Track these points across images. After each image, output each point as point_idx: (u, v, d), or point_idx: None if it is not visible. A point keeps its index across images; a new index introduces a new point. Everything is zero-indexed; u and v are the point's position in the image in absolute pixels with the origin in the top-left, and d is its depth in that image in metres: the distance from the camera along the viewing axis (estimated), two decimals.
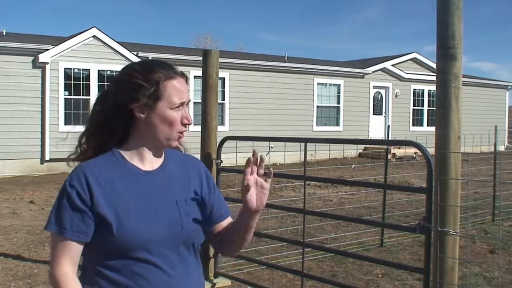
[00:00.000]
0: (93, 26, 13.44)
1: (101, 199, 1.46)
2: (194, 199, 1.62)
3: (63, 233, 1.45)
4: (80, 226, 1.45)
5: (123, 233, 1.44)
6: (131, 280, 1.46)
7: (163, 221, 1.51)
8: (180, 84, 1.55)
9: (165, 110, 1.52)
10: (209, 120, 4.58)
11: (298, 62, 17.76)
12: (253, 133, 14.74)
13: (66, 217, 1.46)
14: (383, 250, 5.80)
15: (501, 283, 4.72)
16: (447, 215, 2.79)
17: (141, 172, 1.55)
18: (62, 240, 1.46)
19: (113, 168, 1.53)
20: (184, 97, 1.54)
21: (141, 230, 1.46)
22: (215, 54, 4.62)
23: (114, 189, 1.49)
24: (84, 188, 1.47)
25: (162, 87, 1.51)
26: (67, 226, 1.45)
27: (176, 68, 1.60)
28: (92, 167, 1.52)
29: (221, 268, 4.78)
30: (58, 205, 1.48)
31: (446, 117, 2.76)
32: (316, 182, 9.99)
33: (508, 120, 23.68)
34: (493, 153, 7.96)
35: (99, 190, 1.47)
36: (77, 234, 1.45)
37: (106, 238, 1.45)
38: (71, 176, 1.51)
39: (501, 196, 7.51)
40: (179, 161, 1.66)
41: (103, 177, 1.50)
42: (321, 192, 9.93)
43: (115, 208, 1.47)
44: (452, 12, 2.74)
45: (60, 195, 1.49)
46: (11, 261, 5.28)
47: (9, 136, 12.48)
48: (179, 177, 1.62)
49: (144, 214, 1.49)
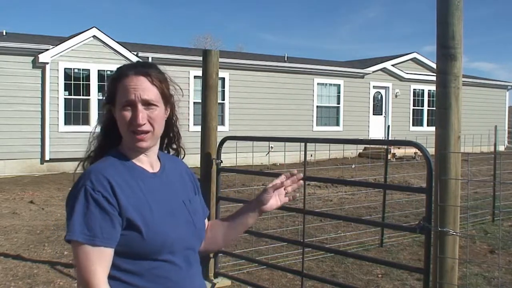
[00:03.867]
0: (93, 26, 13.44)
1: (126, 203, 1.42)
2: (194, 198, 1.64)
3: (95, 241, 1.36)
4: (111, 232, 1.39)
5: (152, 236, 1.42)
6: (153, 283, 1.44)
7: (180, 221, 1.52)
8: (130, 83, 1.48)
9: (117, 111, 1.51)
10: (209, 120, 4.57)
11: (298, 62, 17.76)
12: (253, 133, 14.74)
13: (95, 224, 1.37)
14: (383, 250, 5.80)
15: (501, 283, 4.72)
16: (447, 215, 2.78)
17: (150, 174, 1.54)
18: (93, 248, 1.37)
19: (124, 170, 1.50)
20: (129, 95, 1.47)
21: (168, 232, 1.45)
22: (215, 54, 4.62)
23: (133, 191, 1.46)
24: (109, 193, 1.40)
25: (116, 88, 1.51)
26: (97, 233, 1.37)
27: (144, 67, 1.53)
28: (108, 169, 1.46)
29: (221, 268, 4.78)
30: (83, 212, 1.38)
31: (446, 117, 2.76)
32: (316, 182, 9.99)
33: (508, 120, 23.68)
34: (493, 153, 7.96)
35: (122, 194, 1.42)
36: (108, 240, 1.38)
37: (133, 242, 1.41)
38: (90, 181, 1.41)
39: (501, 196, 7.51)
40: (170, 161, 1.66)
41: (121, 180, 1.46)
42: (321, 192, 9.93)
43: (140, 211, 1.43)
44: (452, 12, 2.73)
45: (82, 201, 1.39)
46: (11, 261, 5.28)
47: (9, 136, 12.48)
48: (177, 178, 1.63)
49: (164, 216, 1.48)
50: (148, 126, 1.48)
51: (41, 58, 12.55)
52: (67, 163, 13.03)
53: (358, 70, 18.55)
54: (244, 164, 8.93)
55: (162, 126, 1.55)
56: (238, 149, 4.80)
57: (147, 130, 1.48)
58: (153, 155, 1.57)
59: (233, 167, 6.04)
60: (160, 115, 1.51)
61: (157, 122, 1.50)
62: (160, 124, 1.53)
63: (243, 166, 8.45)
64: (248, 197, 8.06)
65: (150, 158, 1.56)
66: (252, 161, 7.71)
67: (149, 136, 1.49)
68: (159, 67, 1.57)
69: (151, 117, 1.48)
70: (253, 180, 9.86)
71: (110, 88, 1.54)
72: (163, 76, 1.56)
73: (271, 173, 6.96)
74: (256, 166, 12.17)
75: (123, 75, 1.50)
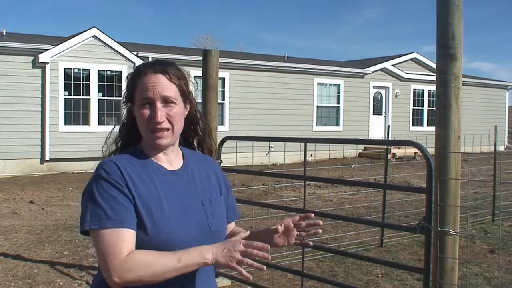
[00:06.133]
0: (93, 26, 13.44)
1: (135, 194, 1.41)
2: (217, 199, 1.59)
3: (123, 223, 1.35)
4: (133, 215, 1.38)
5: (157, 233, 1.40)
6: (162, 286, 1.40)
7: (192, 222, 1.48)
8: (148, 81, 1.49)
9: (136, 109, 1.51)
10: (209, 120, 4.57)
11: (298, 62, 17.76)
12: (253, 133, 14.75)
13: (120, 208, 1.37)
14: (383, 250, 5.80)
15: (501, 283, 4.72)
16: (447, 215, 2.78)
17: (166, 171, 1.53)
18: (122, 231, 1.35)
19: (139, 164, 1.49)
20: (148, 93, 1.47)
21: (175, 231, 1.42)
22: (215, 54, 4.62)
23: (145, 184, 1.45)
24: (122, 180, 1.41)
25: (135, 87, 1.52)
26: (123, 216, 1.36)
27: (162, 65, 1.53)
28: (122, 160, 1.47)
29: (221, 268, 4.77)
30: (104, 199, 1.38)
31: (446, 117, 2.76)
32: (316, 182, 9.99)
33: (508, 120, 23.68)
34: (493, 153, 7.95)
35: (132, 185, 1.42)
36: (132, 224, 1.37)
37: (138, 238, 1.39)
38: (104, 170, 1.42)
39: (501, 196, 7.50)
40: (197, 160, 1.64)
41: (133, 172, 1.45)
42: (321, 192, 9.93)
43: (148, 206, 1.42)
44: (452, 12, 2.73)
45: (99, 188, 1.39)
46: (11, 261, 5.28)
47: (9, 136, 12.48)
48: (200, 177, 1.60)
49: (176, 214, 1.45)
50: (167, 123, 1.48)
51: (41, 58, 12.55)
52: (67, 163, 13.04)
53: (358, 70, 18.55)
54: (244, 164, 8.93)
55: (181, 124, 1.54)
56: (238, 149, 4.79)
57: (166, 127, 1.48)
58: (173, 154, 1.56)
59: (233, 167, 6.02)
60: (179, 113, 1.51)
61: (176, 120, 1.50)
62: (179, 121, 1.53)
63: (243, 166, 8.44)
64: (248, 197, 8.07)
65: (169, 156, 1.55)
66: (252, 161, 7.71)
67: (168, 133, 1.49)
68: (177, 65, 1.57)
69: (170, 114, 1.48)
70: (253, 180, 9.86)
71: (129, 87, 1.54)
72: (182, 73, 1.55)
73: (271, 173, 6.97)
74: (256, 166, 12.17)
75: (141, 73, 1.51)
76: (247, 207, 7.06)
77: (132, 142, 1.58)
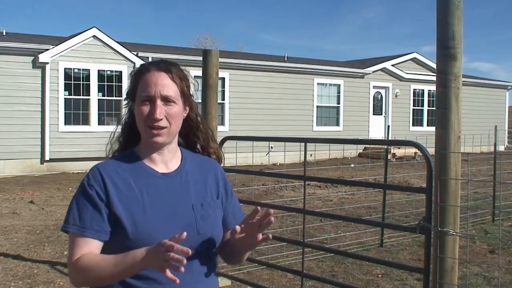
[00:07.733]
0: (93, 26, 13.44)
1: (116, 199, 1.46)
2: (211, 203, 1.58)
3: (84, 232, 1.43)
4: (101, 225, 1.44)
5: (139, 236, 1.42)
6: (144, 283, 1.43)
7: (179, 225, 1.47)
8: (151, 78, 1.50)
9: (136, 105, 1.52)
10: (209, 120, 4.57)
11: (298, 62, 17.76)
12: (253, 133, 14.75)
13: (86, 216, 1.44)
14: (383, 250, 5.80)
15: (501, 283, 4.72)
16: (447, 215, 2.78)
17: (157, 174, 1.53)
18: (83, 238, 1.44)
19: (129, 169, 1.52)
20: (149, 90, 1.48)
21: (157, 234, 1.42)
22: (215, 54, 4.62)
23: (130, 190, 1.48)
24: (101, 187, 1.46)
25: (137, 83, 1.53)
26: (87, 225, 1.44)
27: (166, 64, 1.54)
28: (108, 166, 1.51)
29: (221, 268, 4.77)
30: (77, 205, 1.46)
31: (446, 117, 2.76)
32: (316, 182, 9.98)
33: (508, 120, 23.68)
34: (493, 153, 7.95)
35: (114, 190, 1.46)
36: (97, 232, 1.44)
37: (121, 242, 1.43)
38: (87, 176, 1.50)
39: (501, 196, 7.50)
40: (196, 162, 1.63)
41: (119, 177, 1.49)
42: (321, 192, 9.93)
43: (130, 210, 1.45)
44: (452, 12, 2.73)
45: (78, 194, 1.48)
46: (11, 261, 5.28)
47: (9, 136, 12.48)
48: (196, 179, 1.59)
49: (160, 218, 1.47)
50: (165, 122, 1.49)
51: (41, 58, 12.55)
52: (67, 163, 13.04)
53: (358, 70, 18.55)
54: (244, 164, 8.92)
55: (179, 124, 1.55)
56: (238, 149, 4.79)
57: (164, 126, 1.49)
58: (169, 154, 1.57)
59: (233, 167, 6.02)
60: (178, 112, 1.52)
61: (174, 119, 1.51)
62: (177, 121, 1.53)
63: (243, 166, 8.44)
64: (248, 197, 8.06)
65: (164, 157, 1.56)
66: (252, 161, 7.71)
67: (165, 132, 1.50)
68: (181, 66, 1.58)
69: (168, 113, 1.49)
70: (253, 180, 9.86)
71: (131, 83, 1.56)
72: (184, 74, 1.56)
73: (271, 173, 6.96)
74: (256, 166, 12.17)
75: (144, 70, 1.52)
76: (247, 207, 7.03)
77: (134, 141, 1.59)
